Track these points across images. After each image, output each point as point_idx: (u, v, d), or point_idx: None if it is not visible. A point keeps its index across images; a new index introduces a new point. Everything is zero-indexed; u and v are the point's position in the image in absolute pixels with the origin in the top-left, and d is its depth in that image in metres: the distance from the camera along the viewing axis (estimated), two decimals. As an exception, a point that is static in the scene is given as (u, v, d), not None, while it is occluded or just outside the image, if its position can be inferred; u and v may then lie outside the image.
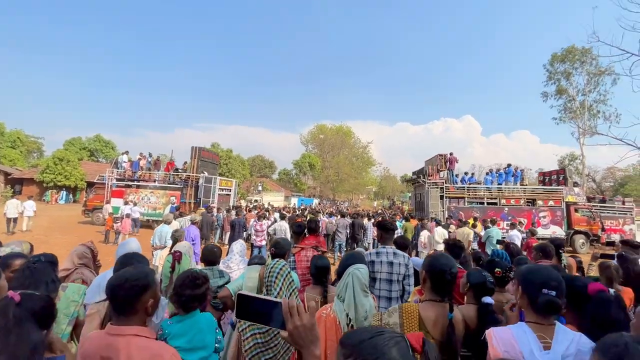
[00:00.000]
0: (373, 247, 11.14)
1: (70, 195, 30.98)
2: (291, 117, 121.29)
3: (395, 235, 3.38)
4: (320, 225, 3.77)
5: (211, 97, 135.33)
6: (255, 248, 8.37)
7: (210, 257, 2.66)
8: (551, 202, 15.30)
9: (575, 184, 18.57)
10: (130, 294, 1.27)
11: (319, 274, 2.30)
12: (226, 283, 2.51)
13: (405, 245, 3.24)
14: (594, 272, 3.65)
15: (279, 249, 2.48)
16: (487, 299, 1.83)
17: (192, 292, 1.82)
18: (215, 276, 2.53)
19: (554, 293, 1.35)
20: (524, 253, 8.19)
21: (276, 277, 1.78)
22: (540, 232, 13.48)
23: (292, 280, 1.89)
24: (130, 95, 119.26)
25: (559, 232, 14.54)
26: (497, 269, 2.40)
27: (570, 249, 14.73)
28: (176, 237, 5.94)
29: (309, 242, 3.48)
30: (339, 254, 10.23)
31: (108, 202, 15.60)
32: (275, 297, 1.79)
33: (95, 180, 18.32)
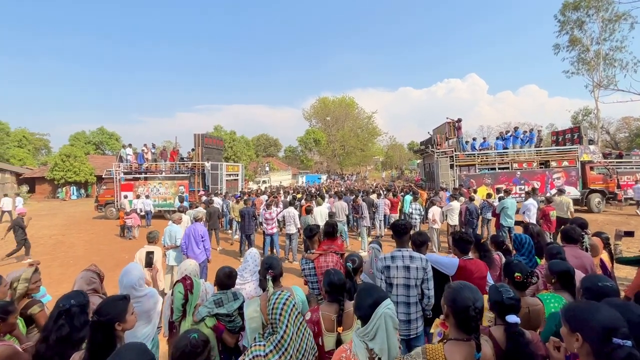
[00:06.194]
0: (385, 224, 11.05)
1: (82, 190, 31.49)
2: (289, 90, 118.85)
3: (412, 232, 3.18)
4: (336, 228, 3.56)
5: (207, 75, 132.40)
6: (267, 236, 8.34)
7: (226, 280, 2.54)
8: (565, 163, 14.85)
9: (591, 142, 17.88)
10: None
11: (334, 291, 2.12)
12: (241, 304, 2.41)
13: (424, 242, 3.07)
14: (621, 252, 3.46)
15: (275, 269, 2.35)
16: (511, 318, 1.62)
17: None
18: (230, 300, 2.43)
19: (629, 343, 1.09)
20: (540, 221, 8.07)
21: (280, 314, 1.72)
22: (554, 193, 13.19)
23: (299, 313, 1.82)
24: (126, 80, 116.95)
25: (573, 192, 14.18)
26: (516, 274, 2.23)
27: (585, 208, 14.46)
28: (195, 218, 6.18)
29: (328, 246, 3.30)
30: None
31: (126, 197, 15.86)
32: (282, 334, 1.73)
33: (103, 175, 18.42)
